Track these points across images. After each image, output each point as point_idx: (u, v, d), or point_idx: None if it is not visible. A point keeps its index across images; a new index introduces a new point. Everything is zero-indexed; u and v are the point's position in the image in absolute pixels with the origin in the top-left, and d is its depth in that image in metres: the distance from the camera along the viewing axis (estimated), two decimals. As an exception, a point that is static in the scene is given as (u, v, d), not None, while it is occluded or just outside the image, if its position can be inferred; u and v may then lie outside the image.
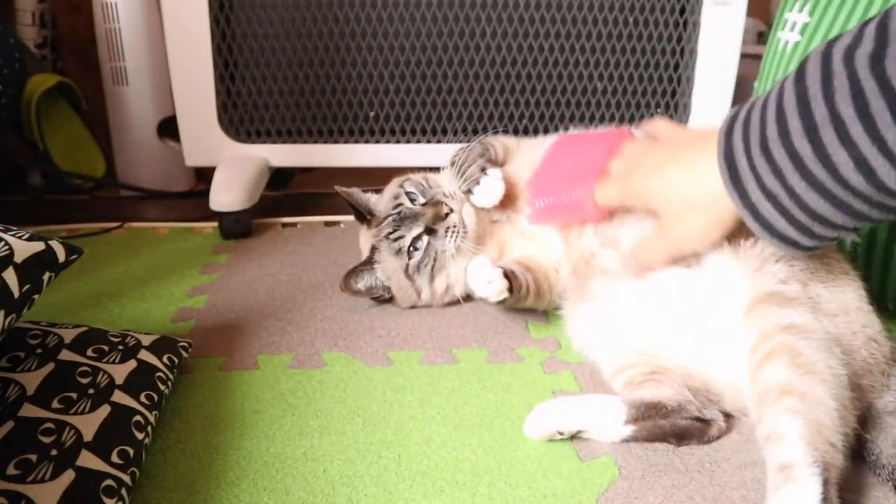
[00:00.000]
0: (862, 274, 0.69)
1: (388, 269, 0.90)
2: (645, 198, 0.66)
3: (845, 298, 0.65)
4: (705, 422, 0.66)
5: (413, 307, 0.92)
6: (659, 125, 0.73)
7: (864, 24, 0.49)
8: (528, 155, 0.91)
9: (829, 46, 0.50)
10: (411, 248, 0.87)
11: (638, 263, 0.70)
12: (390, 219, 0.88)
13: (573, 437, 0.66)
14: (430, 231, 0.86)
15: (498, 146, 0.93)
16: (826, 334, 0.60)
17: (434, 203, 0.86)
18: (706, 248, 0.65)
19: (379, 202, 0.94)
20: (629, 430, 0.65)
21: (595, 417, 0.65)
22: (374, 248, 0.91)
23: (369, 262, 0.91)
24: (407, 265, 0.87)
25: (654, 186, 0.64)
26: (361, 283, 0.91)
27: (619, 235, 0.75)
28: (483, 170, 0.86)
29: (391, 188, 0.93)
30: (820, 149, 0.48)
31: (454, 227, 0.86)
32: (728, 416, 0.68)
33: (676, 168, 0.62)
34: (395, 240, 0.87)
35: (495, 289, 0.80)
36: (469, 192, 0.86)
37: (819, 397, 0.56)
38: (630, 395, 0.68)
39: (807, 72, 0.50)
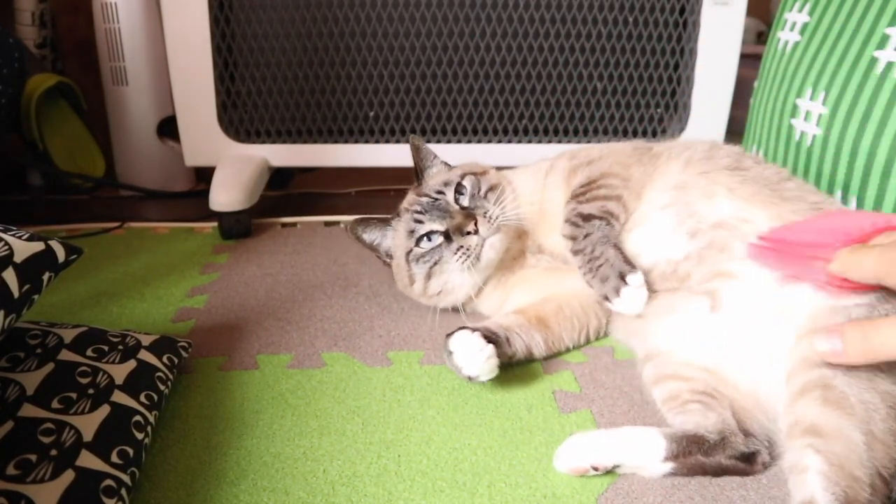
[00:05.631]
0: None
1: (398, 241, 0.87)
2: None
3: None
4: (748, 459, 0.63)
5: (406, 295, 0.89)
6: None
7: None
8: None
9: None
10: (422, 237, 0.83)
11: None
12: (425, 200, 0.85)
13: (608, 472, 0.62)
14: (447, 235, 0.82)
15: (618, 211, 0.81)
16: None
17: (467, 215, 0.81)
18: None
19: (437, 175, 0.91)
20: (669, 466, 0.61)
21: (633, 453, 0.61)
22: (399, 214, 0.89)
23: (387, 222, 0.89)
24: (410, 250, 0.84)
25: None
26: (367, 235, 0.90)
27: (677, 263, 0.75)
28: (622, 276, 0.74)
29: (454, 172, 0.89)
30: None
31: (467, 250, 0.81)
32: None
33: None
34: (415, 221, 0.84)
35: (488, 367, 0.72)
36: (605, 298, 0.76)
37: (844, 432, 0.54)
38: (670, 427, 0.65)
39: None
